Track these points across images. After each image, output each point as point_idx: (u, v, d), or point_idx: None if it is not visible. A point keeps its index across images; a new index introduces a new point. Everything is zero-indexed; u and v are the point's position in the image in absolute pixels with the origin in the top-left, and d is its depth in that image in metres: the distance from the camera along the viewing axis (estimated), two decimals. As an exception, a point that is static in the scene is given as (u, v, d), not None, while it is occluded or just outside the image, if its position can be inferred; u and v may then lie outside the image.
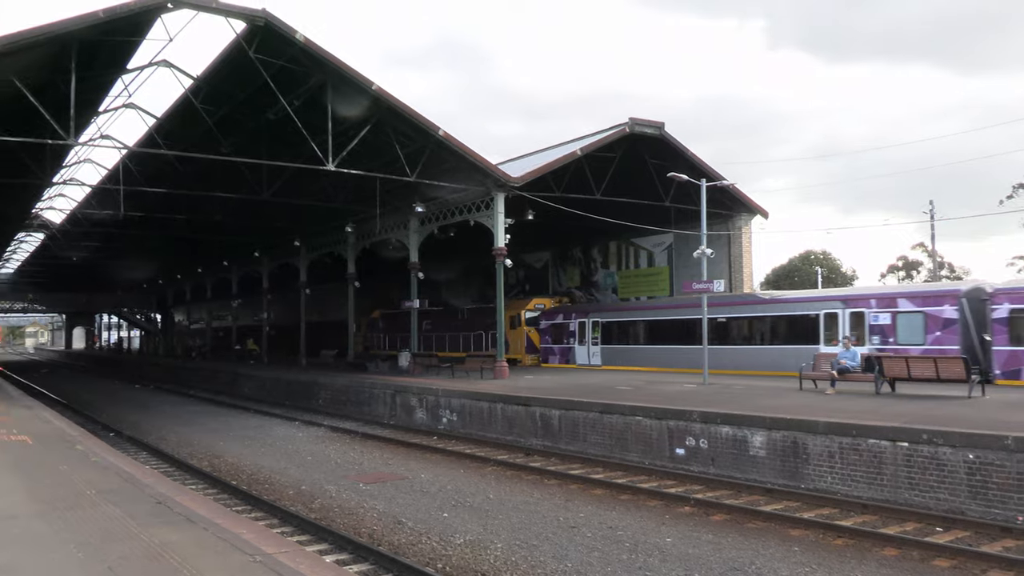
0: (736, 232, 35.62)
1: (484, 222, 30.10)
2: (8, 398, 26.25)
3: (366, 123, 27.06)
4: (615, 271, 41.67)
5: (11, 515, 8.75)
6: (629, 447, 18.28)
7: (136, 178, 32.69)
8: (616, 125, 31.70)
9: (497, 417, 22.32)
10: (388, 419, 26.93)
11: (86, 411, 31.07)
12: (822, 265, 72.09)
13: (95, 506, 9.27)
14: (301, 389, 33.87)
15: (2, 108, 25.46)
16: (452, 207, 32.02)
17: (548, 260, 45.97)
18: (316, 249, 43.76)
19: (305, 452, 20.54)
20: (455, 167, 29.25)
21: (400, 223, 35.20)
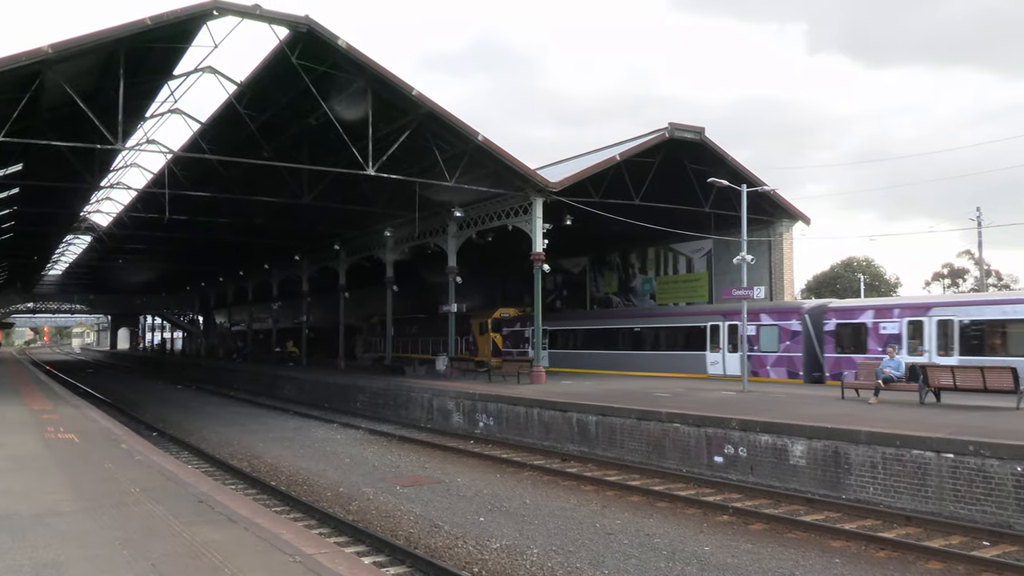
0: (776, 238, 35.21)
1: (522, 227, 30.12)
2: (56, 397, 26.85)
3: (406, 128, 27.26)
4: (653, 277, 41.44)
5: (58, 512, 8.94)
6: (666, 454, 18.14)
7: (181, 182, 33.29)
8: (656, 130, 31.55)
9: (534, 422, 22.30)
10: (425, 422, 27.05)
11: (130, 410, 31.67)
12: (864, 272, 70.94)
13: (139, 504, 9.43)
14: (339, 392, 34.16)
15: (53, 114, 26.14)
16: (490, 212, 32.09)
17: (586, 266, 45.86)
18: (355, 253, 44.17)
19: (343, 454, 20.71)
20: (494, 172, 29.32)
21: (438, 228, 35.38)
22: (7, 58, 20.35)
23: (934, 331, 24.73)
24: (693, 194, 32.05)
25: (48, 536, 7.88)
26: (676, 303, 39.37)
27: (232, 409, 33.80)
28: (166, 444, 21.99)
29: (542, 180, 29.02)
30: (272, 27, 23.53)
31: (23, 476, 11.15)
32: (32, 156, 29.53)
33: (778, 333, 28.88)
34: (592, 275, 45.58)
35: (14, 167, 31.35)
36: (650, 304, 40.73)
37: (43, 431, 16.43)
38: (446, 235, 34.71)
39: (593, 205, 29.93)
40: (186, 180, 33.64)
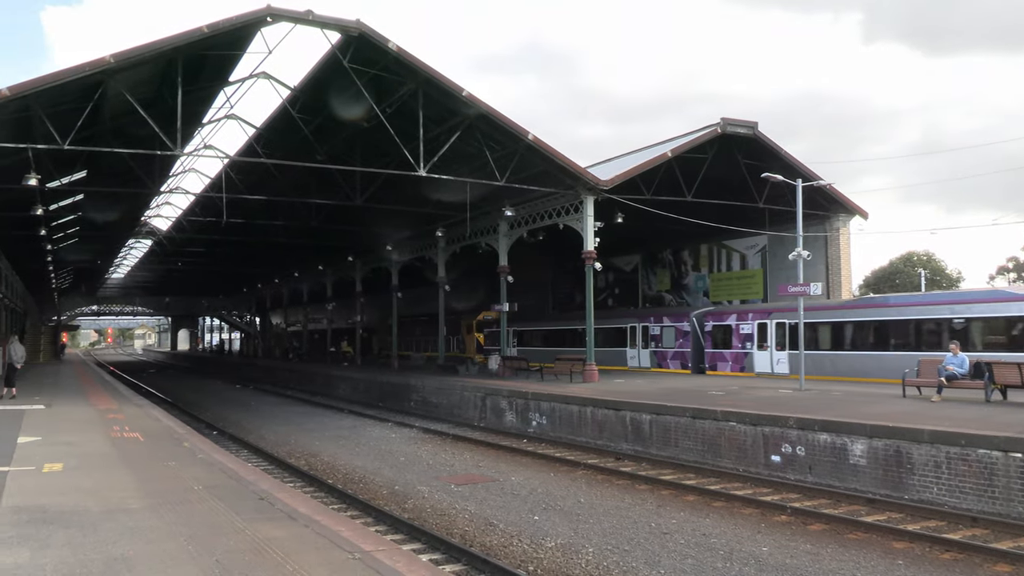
0: (833, 233, 34.55)
1: (573, 225, 30.07)
2: (120, 397, 27.63)
3: (456, 128, 27.41)
4: (707, 274, 41.00)
5: (126, 508, 9.22)
6: (722, 453, 17.95)
7: (237, 186, 33.94)
8: (707, 126, 31.21)
9: (587, 421, 22.25)
10: (478, 421, 27.18)
11: (191, 410, 32.44)
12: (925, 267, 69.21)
13: (202, 501, 9.67)
14: (393, 391, 34.51)
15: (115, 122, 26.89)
16: (541, 211, 32.10)
17: (638, 263, 45.58)
18: (408, 253, 44.56)
19: (398, 453, 20.93)
20: (544, 171, 29.32)
21: (489, 227, 35.50)
22: (72, 68, 21.02)
23: (773, 331, 31.06)
24: (746, 190, 31.63)
25: (117, 532, 8.13)
26: (731, 300, 38.95)
27: (289, 408, 34.39)
28: (226, 443, 22.48)
29: (592, 178, 28.93)
30: (324, 32, 23.89)
31: (92, 473, 11.51)
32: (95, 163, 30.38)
33: (675, 333, 35.86)
34: (644, 273, 45.28)
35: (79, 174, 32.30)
36: (703, 302, 40.35)
37: (109, 430, 16.93)
38: (497, 234, 34.82)
39: (644, 202, 29.73)
40: (242, 184, 34.28)
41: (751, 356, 31.92)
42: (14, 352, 25.67)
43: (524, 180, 29.35)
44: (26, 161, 24.64)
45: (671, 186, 30.42)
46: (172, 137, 23.70)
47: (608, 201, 29.75)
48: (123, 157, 26.61)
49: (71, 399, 25.39)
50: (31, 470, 11.74)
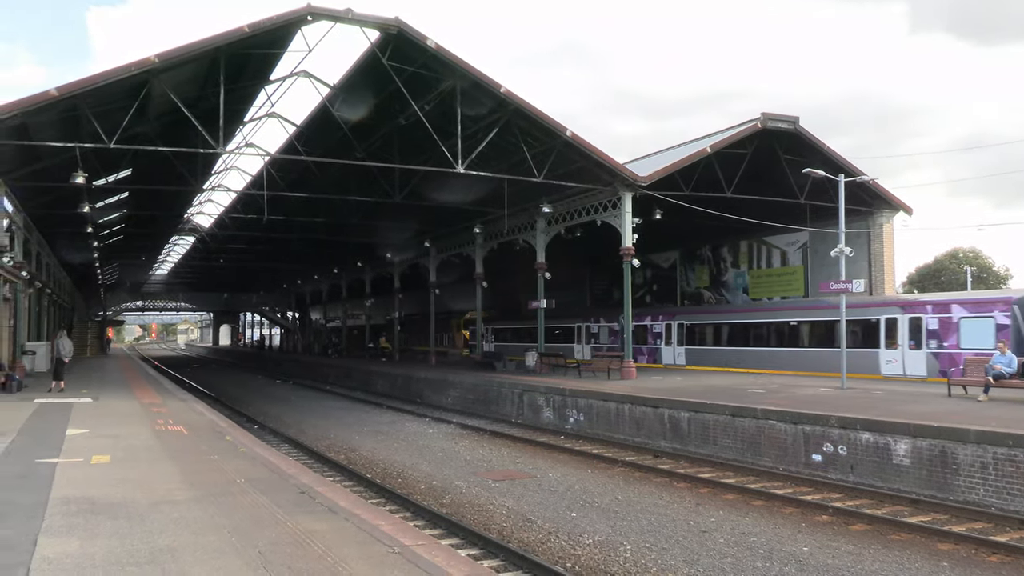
0: (876, 229, 34.00)
1: (611, 222, 29.97)
2: (165, 391, 28.16)
3: (494, 125, 27.46)
4: (746, 271, 40.60)
5: (171, 500, 9.40)
6: (762, 452, 17.79)
7: (278, 183, 34.39)
8: (747, 121, 30.89)
9: (624, 418, 22.19)
10: (515, 418, 27.25)
11: (233, 404, 32.95)
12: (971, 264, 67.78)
13: (244, 494, 9.83)
14: (431, 386, 34.72)
15: (159, 121, 27.41)
16: (579, 207, 32.05)
17: (676, 260, 45.27)
18: (445, 250, 44.74)
19: (436, 448, 21.06)
20: (582, 167, 29.27)
21: (527, 223, 35.52)
22: (118, 69, 21.45)
23: (675, 330, 38.03)
24: (787, 185, 31.26)
25: (162, 523, 8.30)
26: (770, 297, 38.53)
27: (328, 403, 34.76)
28: (267, 437, 22.81)
29: (631, 175, 28.80)
30: (363, 30, 24.07)
31: (138, 466, 11.76)
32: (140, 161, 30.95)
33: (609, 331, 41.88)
34: (683, 269, 44.96)
35: (124, 172, 32.94)
36: (744, 299, 39.97)
37: (154, 423, 17.27)
38: (535, 231, 34.82)
39: (683, 198, 29.53)
40: (283, 181, 34.72)
41: (659, 351, 38.73)
42: (62, 347, 26.29)
43: (562, 176, 29.32)
44: (73, 160, 25.20)
45: (710, 182, 30.17)
46: (214, 135, 24.08)
47: (646, 197, 29.60)
48: (167, 155, 27.08)
49: (117, 393, 25.94)
50: (79, 462, 12.02)
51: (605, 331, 43.17)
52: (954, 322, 26.42)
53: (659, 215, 31.40)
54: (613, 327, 40.98)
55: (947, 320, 26.58)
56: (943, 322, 26.70)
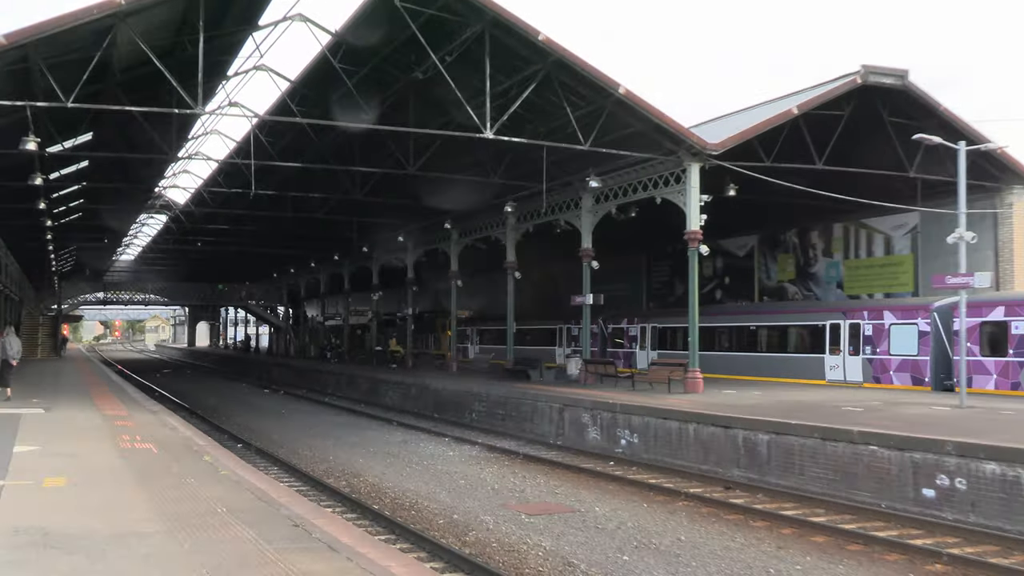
0: (1005, 210, 33.44)
1: (673, 199, 29.79)
2: (131, 401, 28.56)
3: (530, 81, 27.41)
4: (840, 260, 40.18)
5: (138, 532, 9.52)
6: (859, 484, 17.61)
7: (267, 151, 34.64)
8: (843, 75, 30.49)
9: (689, 440, 22.10)
10: (554, 438, 27.25)
11: (212, 418, 33.34)
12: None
13: (227, 526, 9.93)
14: (452, 399, 34.86)
15: (126, 75, 27.72)
16: (634, 181, 31.89)
17: (753, 247, 44.95)
18: (469, 233, 44.81)
19: (457, 474, 21.13)
20: (638, 132, 29.13)
21: (570, 201, 35.43)
22: (79, 11, 21.66)
23: (648, 334, 43.63)
24: (893, 155, 30.84)
25: (129, 560, 8.41)
26: (871, 293, 38.12)
27: (327, 418, 35.04)
28: (253, 457, 23.01)
29: (698, 141, 28.58)
30: (372, -37, 24.14)
31: (99, 491, 11.92)
32: (103, 124, 31.39)
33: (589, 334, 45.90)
34: (761, 258, 44.63)
35: (83, 137, 33.43)
36: (837, 295, 39.60)
37: (118, 439, 17.52)
38: (579, 210, 34.74)
39: (763, 171, 29.26)
40: (273, 149, 34.97)
41: (635, 355, 43.93)
42: (9, 346, 26.66)
43: (613, 144, 29.21)
44: (24, 122, 25.59)
45: (797, 150, 29.88)
46: (192, 92, 24.30)
47: (717, 169, 29.39)
48: (135, 117, 27.43)
49: (74, 402, 26.34)
50: (29, 485, 12.23)
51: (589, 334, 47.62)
52: (885, 328, 31.81)
53: (733, 191, 31.13)
54: (593, 330, 43.99)
55: (880, 327, 31.94)
56: (876, 328, 32.09)
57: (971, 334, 27.79)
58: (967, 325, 24.89)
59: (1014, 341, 28.24)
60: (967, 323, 24.87)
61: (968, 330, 26.31)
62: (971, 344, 27.94)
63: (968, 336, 25.96)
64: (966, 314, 24.31)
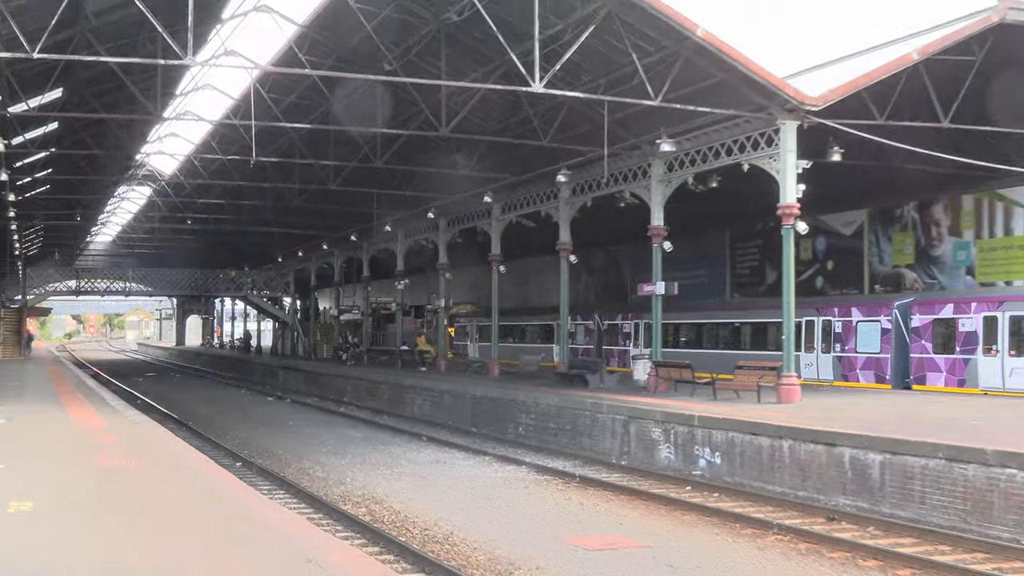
0: None
1: (763, 166, 29.49)
2: (109, 410, 28.94)
3: (588, 22, 27.31)
4: (972, 240, 39.63)
5: (122, 568, 9.63)
6: (995, 516, 17.39)
7: (270, 110, 34.87)
8: (976, 12, 30.00)
9: (783, 460, 21.95)
10: (618, 457, 27.23)
11: (207, 431, 33.68)
12: None
13: (228, 559, 10.02)
14: (492, 410, 34.92)
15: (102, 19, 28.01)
16: (714, 144, 31.58)
17: (863, 224, 44.43)
18: (513, 208, 44.68)
19: (500, 500, 21.18)
20: (720, 84, 28.89)
21: (636, 169, 35.23)
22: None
23: (642, 331, 47.16)
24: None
25: (111, 600, 8.53)
26: (1009, 281, 37.57)
27: (343, 432, 35.25)
28: (255, 478, 23.25)
29: (795, 94, 28.24)
30: None
31: (74, 517, 12.09)
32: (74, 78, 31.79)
33: (584, 330, 53.10)
34: (872, 238, 44.11)
35: (52, 94, 33.81)
36: (967, 282, 39.09)
37: (95, 457, 17.74)
38: (647, 179, 34.52)
39: (875, 130, 28.95)
40: (278, 108, 35.21)
41: (628, 353, 47.85)
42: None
43: (689, 98, 29.01)
44: (-18, 76, 25.99)
45: (917, 105, 29.53)
46: (180, 39, 24.50)
47: (818, 129, 29.09)
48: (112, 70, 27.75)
49: (42, 411, 26.72)
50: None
51: (581, 329, 53.73)
52: (853, 325, 36.84)
53: (837, 155, 30.81)
54: (588, 326, 50.92)
55: (848, 323, 37.00)
56: (845, 325, 37.18)
57: (925, 331, 34.11)
58: (922, 323, 33.54)
59: (960, 338, 33.00)
60: (923, 320, 33.49)
61: (923, 327, 34.34)
62: (925, 341, 34.08)
63: (923, 333, 33.92)
64: (920, 311, 31.74)
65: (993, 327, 32.12)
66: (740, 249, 50.71)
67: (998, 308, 32.16)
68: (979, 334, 32.36)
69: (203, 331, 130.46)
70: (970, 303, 33.23)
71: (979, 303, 33.08)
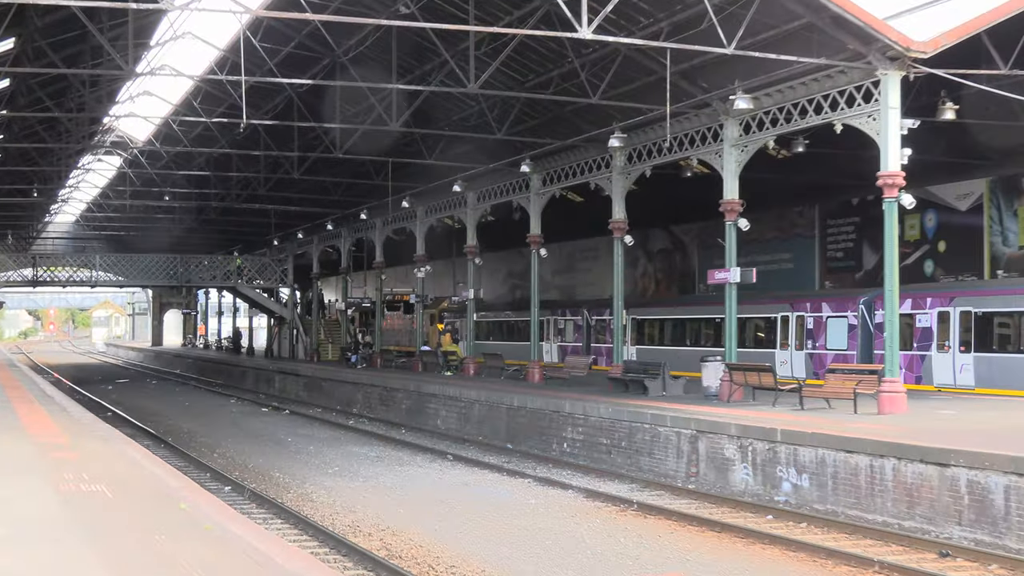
0: None
1: (860, 126, 29.24)
2: (74, 424, 29.10)
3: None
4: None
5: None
6: None
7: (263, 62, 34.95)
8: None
9: (884, 483, 21.82)
10: (684, 479, 27.21)
11: (189, 448, 33.91)
12: None
13: (214, 604, 10.07)
14: (533, 423, 34.89)
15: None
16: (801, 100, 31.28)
17: (981, 196, 44.07)
18: (556, 179, 44.49)
19: (542, 532, 21.17)
20: (806, 28, 28.77)
21: (705, 131, 34.99)
22: None
23: (630, 326, 51.27)
24: None
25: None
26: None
27: (351, 450, 35.33)
28: (248, 505, 23.37)
29: (899, 39, 28.01)
30: None
31: (33, 549, 12.12)
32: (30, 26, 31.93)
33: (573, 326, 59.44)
34: (994, 213, 43.73)
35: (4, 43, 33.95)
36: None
37: (57, 478, 17.83)
38: (719, 143, 34.33)
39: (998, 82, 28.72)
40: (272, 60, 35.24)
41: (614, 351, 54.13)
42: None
43: (768, 45, 28.92)
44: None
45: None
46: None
47: (927, 81, 28.96)
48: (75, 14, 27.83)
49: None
50: (-64, 542, 12.52)
51: (571, 325, 59.73)
52: (823, 321, 41.34)
53: (951, 113, 30.58)
54: (577, 321, 56.12)
55: (819, 319, 41.39)
56: (817, 321, 41.66)
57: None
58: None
59: (917, 334, 37.59)
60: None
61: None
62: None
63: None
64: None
65: (946, 322, 36.69)
66: (831, 228, 50.39)
67: (950, 303, 36.67)
68: (934, 330, 37.06)
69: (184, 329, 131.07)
70: (926, 298, 37.71)
71: (934, 298, 37.63)
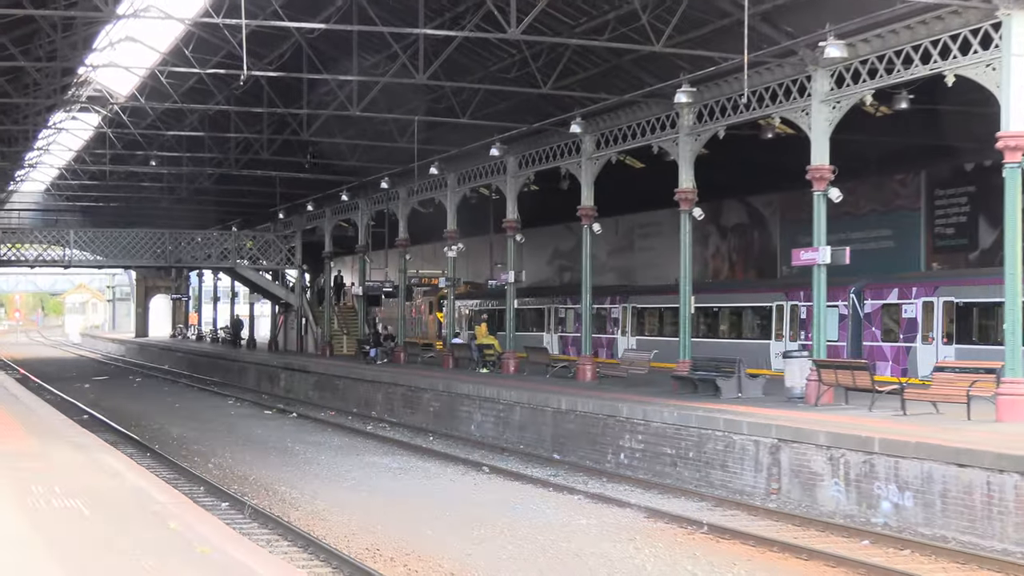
0: None
1: (976, 77, 28.95)
2: (44, 428, 29.24)
3: None
4: None
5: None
6: None
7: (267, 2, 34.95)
8: None
9: (1005, 504, 21.66)
10: (763, 496, 27.14)
11: (179, 457, 34.01)
12: None
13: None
14: (583, 430, 34.81)
15: None
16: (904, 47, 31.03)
17: None
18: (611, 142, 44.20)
19: (594, 557, 21.15)
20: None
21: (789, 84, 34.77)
22: None
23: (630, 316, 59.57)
24: None
25: None
26: None
27: (370, 460, 35.39)
28: (248, 524, 23.39)
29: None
30: None
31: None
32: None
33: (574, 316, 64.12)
34: None
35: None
36: None
37: (24, 491, 17.86)
38: (805, 99, 34.10)
39: None
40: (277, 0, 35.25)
41: (616, 342, 60.06)
42: None
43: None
44: None
45: None
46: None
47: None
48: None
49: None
50: None
51: (571, 314, 64.03)
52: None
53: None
54: (578, 310, 56.90)
55: (812, 309, 40.57)
56: (809, 311, 41.91)
57: (876, 317, 43.19)
58: (873, 308, 42.51)
59: (903, 325, 41.60)
60: (873, 306, 42.45)
61: (874, 313, 43.33)
62: (875, 328, 43.13)
63: (873, 320, 43.10)
64: (872, 296, 39.36)
65: (931, 313, 40.48)
66: (942, 199, 49.97)
67: (933, 293, 40.36)
68: (919, 320, 40.86)
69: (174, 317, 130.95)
70: (911, 288, 41.59)
71: (919, 287, 41.41)
